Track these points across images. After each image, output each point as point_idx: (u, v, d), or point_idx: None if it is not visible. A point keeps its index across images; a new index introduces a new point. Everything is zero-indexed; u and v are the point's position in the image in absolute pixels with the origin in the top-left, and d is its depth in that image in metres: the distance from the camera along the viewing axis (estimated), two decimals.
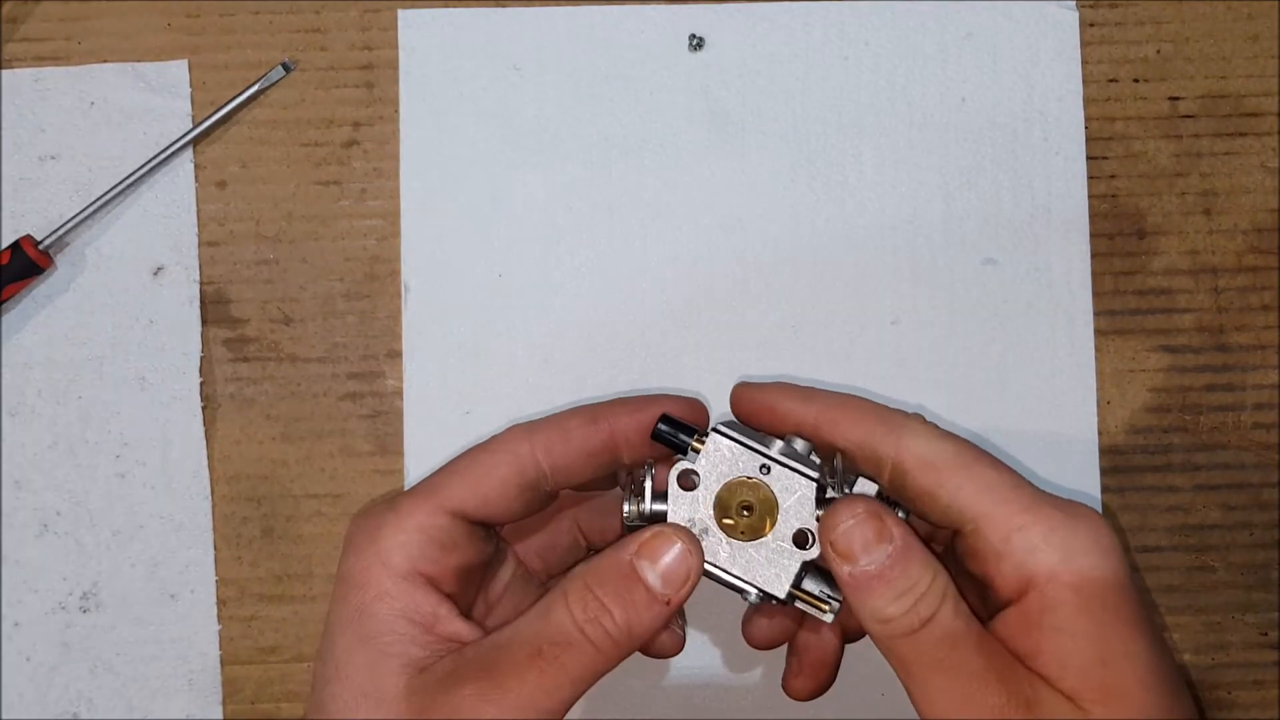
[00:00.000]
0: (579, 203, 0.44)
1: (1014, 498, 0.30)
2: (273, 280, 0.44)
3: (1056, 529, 0.29)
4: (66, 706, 0.43)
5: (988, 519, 0.30)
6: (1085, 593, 0.29)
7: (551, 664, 0.30)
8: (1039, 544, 0.29)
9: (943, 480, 0.31)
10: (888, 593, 0.30)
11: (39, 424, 0.44)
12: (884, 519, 0.30)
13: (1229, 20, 0.44)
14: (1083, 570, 0.29)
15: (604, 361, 0.44)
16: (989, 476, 0.31)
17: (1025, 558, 0.29)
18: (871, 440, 0.32)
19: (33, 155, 0.44)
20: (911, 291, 0.44)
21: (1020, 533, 0.29)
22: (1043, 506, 0.30)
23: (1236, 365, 0.44)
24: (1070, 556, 0.29)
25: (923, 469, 0.31)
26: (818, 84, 0.44)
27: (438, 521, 0.33)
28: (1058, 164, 0.44)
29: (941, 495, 0.31)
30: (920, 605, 0.30)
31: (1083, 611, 0.29)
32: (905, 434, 0.32)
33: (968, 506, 0.30)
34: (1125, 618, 0.29)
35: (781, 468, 0.33)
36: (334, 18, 0.44)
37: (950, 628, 0.29)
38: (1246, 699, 0.43)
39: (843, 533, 0.30)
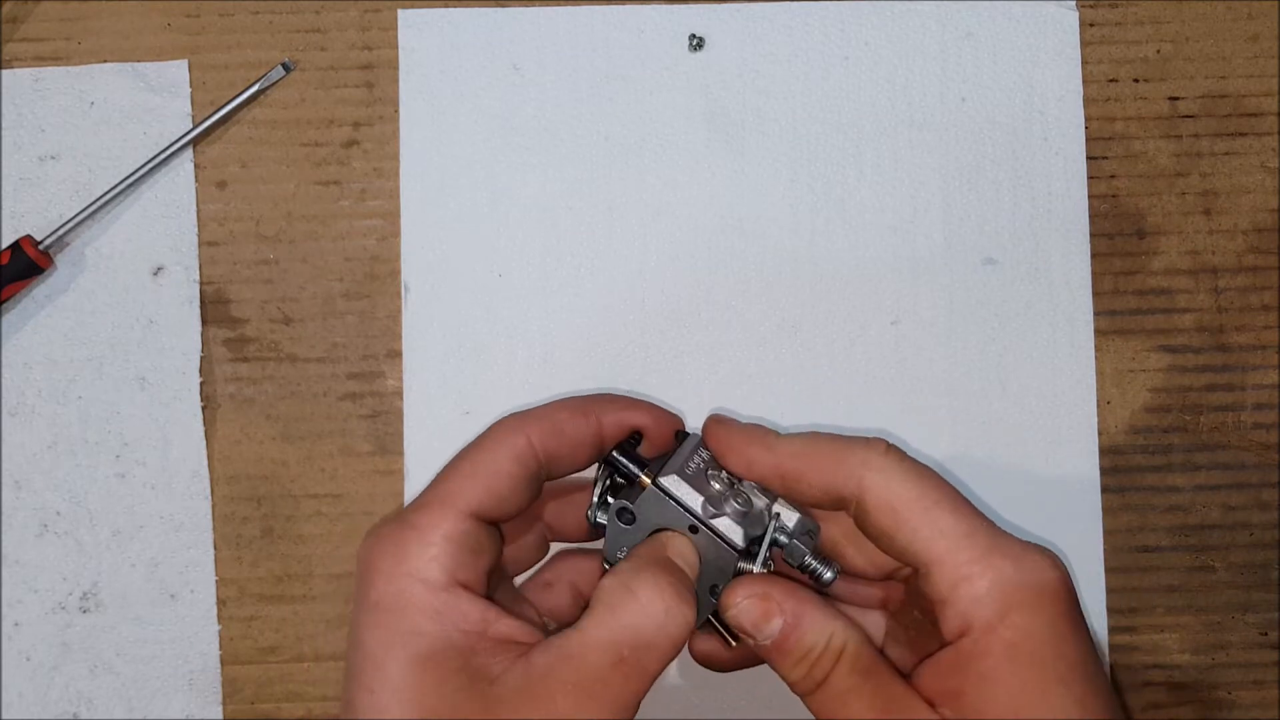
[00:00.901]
0: (579, 203, 0.44)
1: (966, 546, 0.31)
2: (273, 280, 0.44)
3: (1001, 581, 0.31)
4: (66, 706, 0.43)
5: (938, 565, 0.31)
6: (1016, 647, 0.30)
7: (635, 667, 0.31)
8: (982, 595, 0.31)
9: (899, 524, 0.32)
10: (785, 661, 0.32)
11: (39, 424, 0.44)
12: (771, 599, 0.33)
13: (1229, 20, 0.44)
14: (1018, 624, 0.30)
15: (604, 361, 0.44)
16: (945, 522, 0.32)
17: (967, 606, 0.31)
18: (834, 485, 0.33)
19: (33, 155, 0.44)
20: (911, 291, 0.44)
21: (966, 582, 0.31)
22: (993, 556, 0.31)
23: (1236, 365, 0.44)
24: (1008, 610, 0.31)
25: (882, 511, 0.32)
26: (818, 84, 0.44)
27: (462, 527, 0.33)
28: (1058, 164, 0.44)
29: (898, 538, 0.32)
30: (814, 670, 0.32)
31: (1009, 663, 0.30)
32: (867, 474, 0.33)
33: (921, 551, 0.32)
34: (1051, 675, 0.30)
35: (709, 536, 0.34)
36: (334, 18, 0.44)
37: (842, 686, 0.32)
38: (1246, 699, 0.43)
39: (733, 615, 0.33)
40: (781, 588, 0.33)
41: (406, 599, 0.32)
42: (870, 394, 0.44)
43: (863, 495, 0.33)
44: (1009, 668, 0.30)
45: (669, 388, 0.44)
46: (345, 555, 0.44)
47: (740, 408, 0.43)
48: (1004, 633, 0.30)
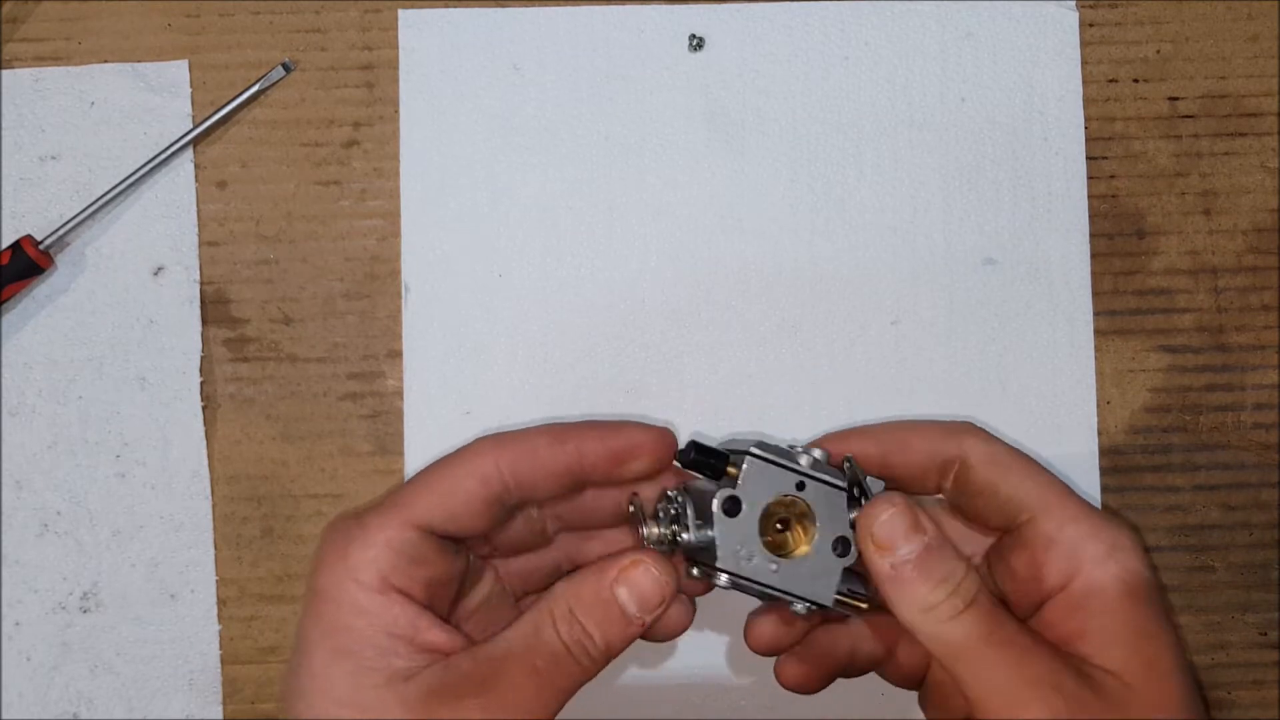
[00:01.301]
0: (579, 203, 0.44)
1: (1068, 494, 0.34)
2: (273, 280, 0.44)
3: (1103, 528, 0.33)
4: (66, 706, 0.43)
5: (1046, 510, 0.33)
6: (1128, 583, 0.32)
7: (546, 680, 0.32)
8: (1089, 536, 0.32)
9: (1006, 475, 0.34)
10: (929, 580, 0.31)
11: (39, 424, 0.44)
12: (918, 513, 0.32)
13: (1229, 20, 0.44)
14: (1125, 563, 0.32)
15: (604, 361, 0.44)
16: (1046, 476, 0.34)
17: (1077, 546, 0.32)
18: (938, 446, 0.35)
19: (33, 155, 0.44)
20: (911, 291, 0.44)
21: (1074, 524, 0.33)
22: (1090, 509, 0.34)
23: (1236, 365, 0.44)
24: (1115, 551, 0.32)
25: (987, 465, 0.34)
26: (818, 84, 0.44)
27: (405, 535, 0.33)
28: (1057, 164, 0.44)
29: (1004, 487, 0.34)
30: (962, 589, 0.31)
31: (1126, 597, 0.32)
32: (966, 439, 0.35)
33: (1028, 497, 0.34)
34: (1160, 610, 0.32)
35: (815, 482, 0.34)
36: (334, 18, 0.44)
37: (993, 609, 0.31)
38: (1246, 698, 0.43)
39: (881, 524, 0.32)
40: (924, 510, 0.33)
41: (339, 593, 0.32)
42: (870, 394, 0.44)
43: (966, 455, 0.35)
44: (1129, 602, 0.32)
45: (669, 388, 0.44)
46: None
47: (740, 408, 0.44)
48: (1115, 569, 0.32)
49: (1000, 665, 0.31)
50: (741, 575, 0.33)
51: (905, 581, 0.32)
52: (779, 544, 0.34)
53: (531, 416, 0.44)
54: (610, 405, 0.43)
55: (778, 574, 0.34)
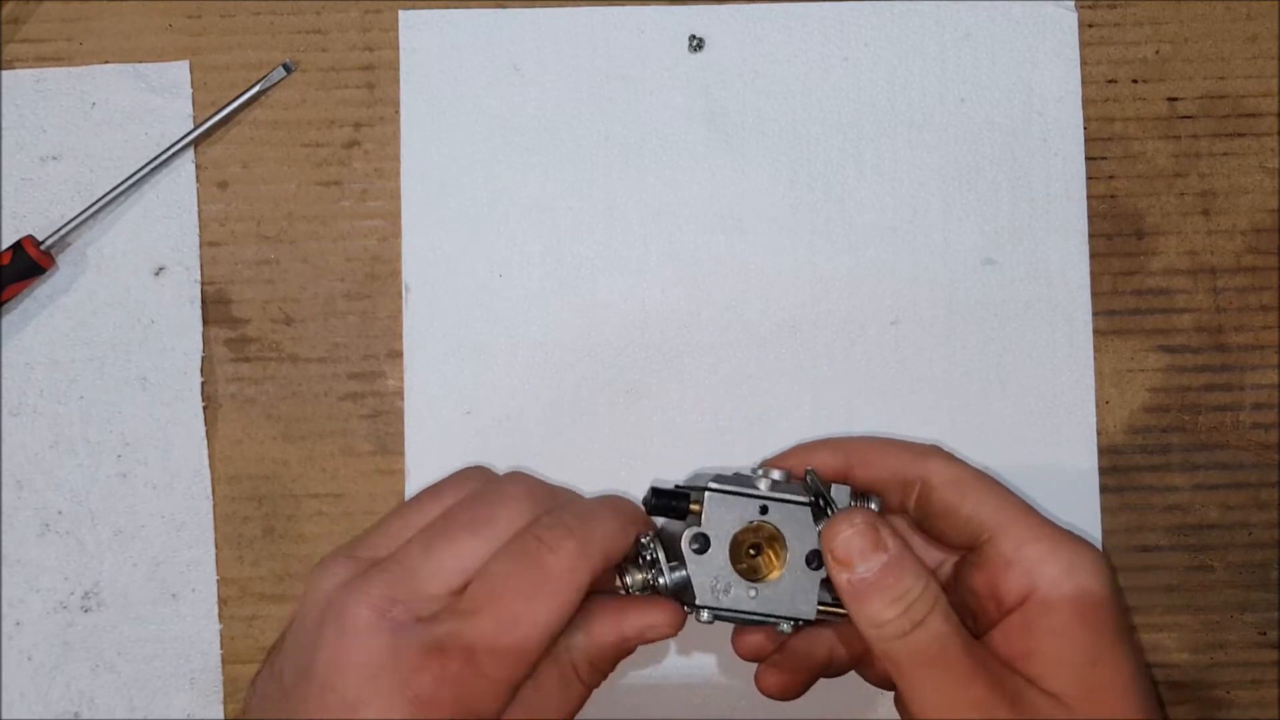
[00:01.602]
0: (579, 203, 0.44)
1: (1027, 515, 0.34)
2: (274, 280, 0.44)
3: (1061, 548, 0.33)
4: (68, 706, 0.43)
5: (1004, 530, 0.33)
6: (1082, 603, 0.32)
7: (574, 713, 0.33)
8: (1047, 556, 0.32)
9: (965, 495, 0.34)
10: (883, 598, 0.32)
11: (40, 424, 0.44)
12: (879, 530, 0.33)
13: (1228, 21, 0.44)
14: (1081, 584, 0.32)
15: (604, 361, 0.44)
16: (1007, 497, 0.34)
17: (1033, 566, 0.32)
18: (900, 467, 0.36)
19: (34, 156, 0.44)
20: (911, 291, 0.44)
21: (1032, 544, 0.33)
22: (1049, 528, 0.33)
23: (1235, 365, 0.44)
24: (1072, 571, 0.32)
25: (948, 486, 0.35)
26: (818, 84, 0.44)
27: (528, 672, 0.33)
28: (1057, 164, 0.44)
29: (964, 508, 0.34)
30: (913, 610, 0.32)
31: (1077, 618, 0.32)
32: (930, 460, 0.35)
33: (988, 518, 0.34)
34: (1114, 631, 0.32)
35: (777, 503, 0.35)
36: (335, 18, 0.45)
37: (939, 631, 0.32)
38: (1245, 698, 0.43)
39: (842, 541, 0.33)
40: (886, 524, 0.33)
41: None
42: (870, 394, 0.44)
43: (929, 475, 0.35)
44: (1080, 624, 0.32)
45: (669, 388, 0.44)
46: None
47: (740, 408, 0.44)
48: (1069, 589, 0.32)
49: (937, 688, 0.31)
50: (721, 608, 0.34)
51: (860, 597, 0.32)
52: (753, 570, 0.35)
53: (531, 416, 0.44)
54: (610, 405, 0.44)
55: (756, 600, 0.34)
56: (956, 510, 0.34)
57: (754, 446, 0.43)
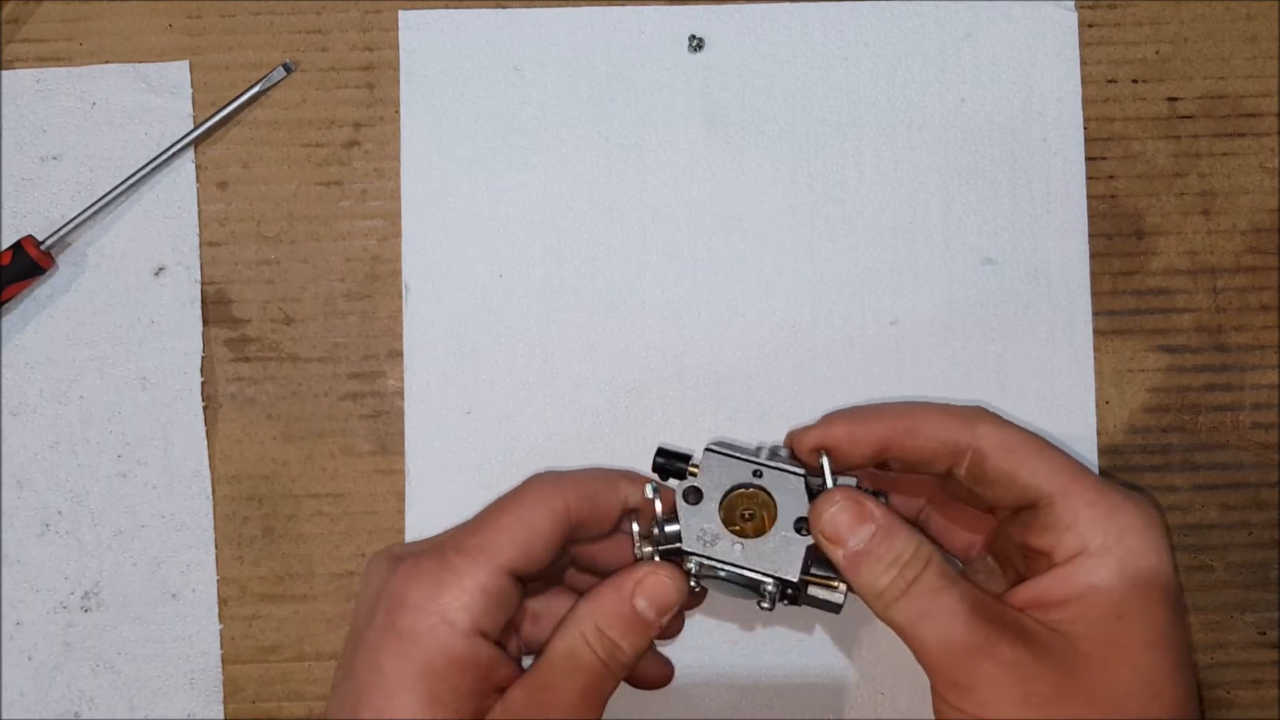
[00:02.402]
0: (579, 203, 0.44)
1: (1085, 480, 0.34)
2: (274, 280, 0.44)
3: (1119, 512, 0.33)
4: (68, 706, 0.43)
5: (1063, 496, 0.34)
6: (1125, 563, 0.33)
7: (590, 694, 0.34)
8: (1102, 519, 0.33)
9: (1021, 461, 0.34)
10: (878, 565, 0.34)
11: (40, 423, 0.44)
12: (863, 503, 0.34)
13: (1227, 21, 0.44)
14: (1130, 546, 0.33)
15: (604, 362, 0.44)
16: (1061, 459, 0.35)
17: (1087, 529, 0.33)
18: (950, 434, 0.35)
19: (34, 156, 0.44)
20: (911, 291, 0.44)
21: (1088, 508, 0.33)
22: (1109, 491, 0.34)
23: (1235, 365, 0.44)
24: (1124, 534, 0.33)
25: (1002, 453, 0.35)
26: (818, 84, 0.44)
27: (499, 582, 0.35)
28: (1056, 164, 0.44)
29: (1021, 474, 0.34)
30: (906, 570, 0.33)
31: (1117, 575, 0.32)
32: (979, 425, 0.35)
33: (1046, 483, 0.34)
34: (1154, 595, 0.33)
35: (771, 470, 0.36)
36: (335, 18, 0.45)
37: (935, 584, 0.33)
38: (1245, 698, 0.43)
39: (828, 520, 0.34)
40: (870, 498, 0.35)
41: (432, 637, 0.34)
42: (870, 394, 0.44)
43: (979, 442, 0.35)
44: (1118, 577, 0.32)
45: (669, 388, 0.44)
46: (346, 554, 0.44)
47: (740, 408, 0.44)
48: (1119, 550, 0.33)
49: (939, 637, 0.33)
50: (707, 556, 0.35)
51: (857, 569, 0.34)
52: (744, 528, 0.36)
53: (531, 416, 0.44)
54: (610, 405, 0.44)
55: (742, 554, 0.36)
56: (1014, 477, 0.34)
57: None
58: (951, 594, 0.33)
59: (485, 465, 0.43)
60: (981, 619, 0.32)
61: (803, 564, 0.35)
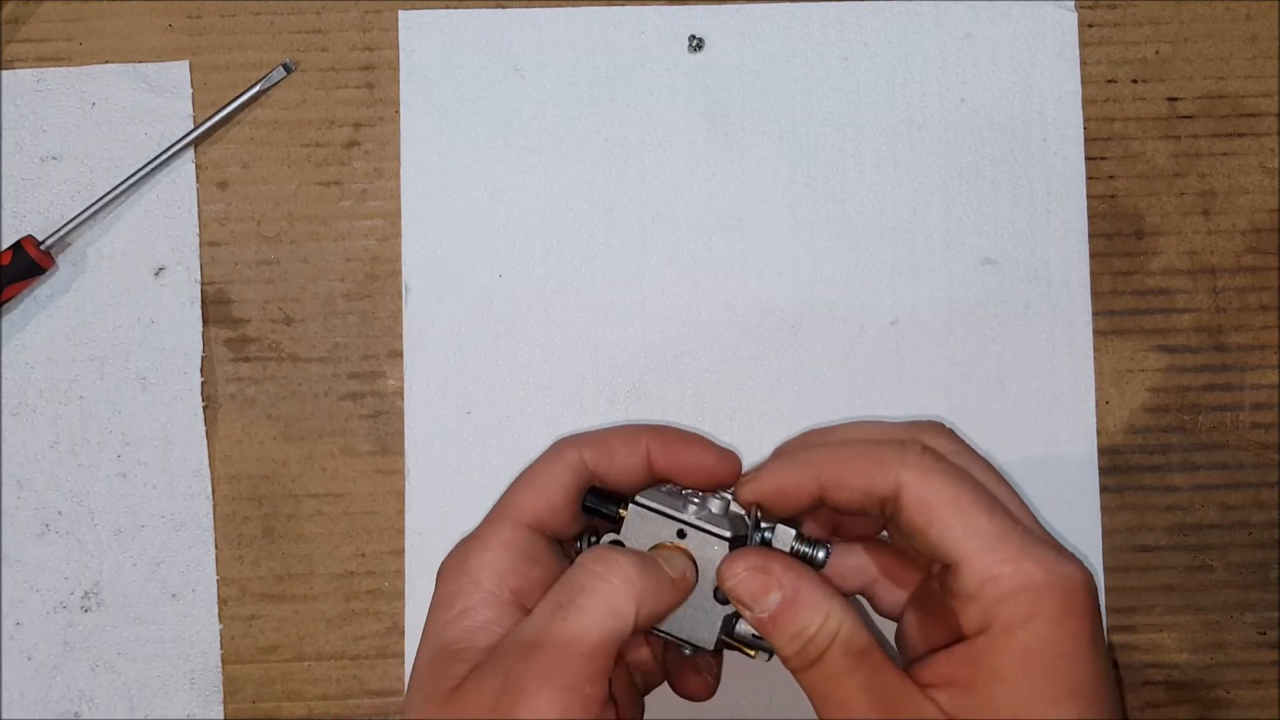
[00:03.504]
0: (579, 203, 0.44)
1: (997, 547, 0.32)
2: (274, 280, 0.44)
3: (1027, 586, 0.31)
4: (68, 705, 0.43)
5: (968, 563, 0.32)
6: (1032, 651, 0.31)
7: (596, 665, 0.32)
8: (1006, 596, 0.31)
9: (932, 521, 0.32)
10: (781, 635, 0.33)
11: (40, 424, 0.44)
12: (770, 571, 0.33)
13: (1227, 21, 0.44)
14: (1038, 631, 0.31)
15: (604, 362, 0.44)
16: (979, 523, 0.32)
17: (990, 605, 0.31)
18: (872, 487, 0.33)
19: (34, 156, 0.44)
20: (911, 292, 0.44)
21: (993, 582, 0.31)
22: (1023, 560, 0.31)
23: (1235, 365, 0.44)
24: (1031, 616, 0.31)
25: (915, 508, 0.33)
26: (817, 84, 0.44)
27: (519, 535, 0.35)
28: (1056, 164, 0.44)
29: (930, 534, 0.32)
30: (809, 647, 0.32)
31: (1022, 666, 0.31)
32: (903, 473, 0.33)
33: (952, 548, 0.32)
34: (1062, 686, 0.31)
35: (696, 530, 0.35)
36: (335, 18, 0.45)
37: (835, 667, 0.32)
38: (1245, 698, 0.43)
39: (732, 586, 0.33)
40: (781, 562, 0.33)
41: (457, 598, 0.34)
42: (869, 394, 0.44)
43: (899, 493, 0.33)
44: (1021, 670, 0.31)
45: (669, 388, 0.44)
46: (346, 554, 0.44)
47: (740, 408, 0.44)
48: (1022, 636, 0.31)
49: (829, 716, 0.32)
50: None
51: (767, 634, 0.33)
52: None
53: (531, 416, 0.44)
54: (610, 405, 0.44)
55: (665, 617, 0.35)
56: (924, 535, 0.32)
57: (754, 447, 0.43)
58: (853, 680, 0.32)
59: (485, 465, 0.43)
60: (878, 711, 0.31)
61: (721, 629, 0.35)
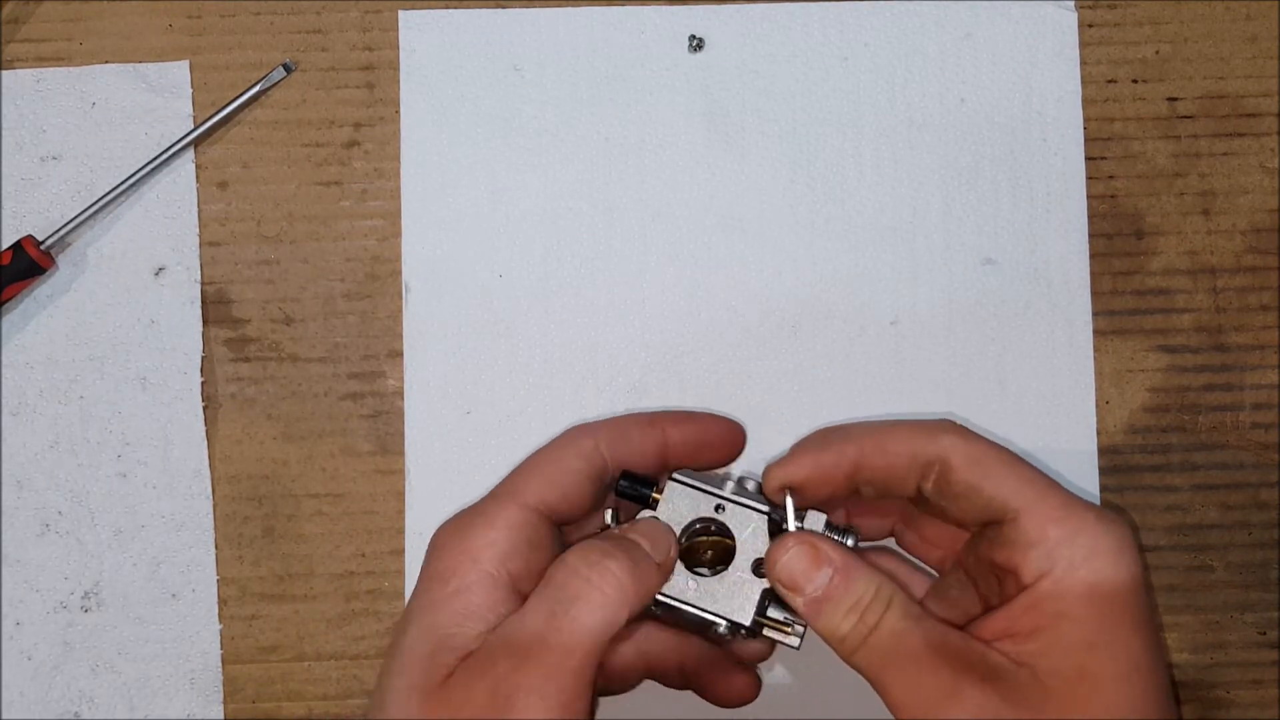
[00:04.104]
0: (579, 203, 0.44)
1: (1051, 495, 0.33)
2: (274, 280, 0.44)
3: (1086, 529, 0.32)
4: (68, 706, 0.43)
5: (1028, 511, 0.32)
6: (1095, 589, 0.31)
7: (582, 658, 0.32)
8: (1068, 538, 0.32)
9: (987, 474, 0.33)
10: (838, 610, 0.33)
11: (40, 424, 0.44)
12: (818, 547, 0.34)
13: (1227, 21, 0.44)
14: (1099, 569, 0.31)
15: (604, 362, 0.44)
16: (1029, 474, 0.33)
17: (1054, 548, 0.32)
18: (917, 447, 0.34)
19: (34, 156, 0.44)
20: (911, 292, 0.44)
21: (1055, 525, 0.32)
22: (1076, 507, 0.32)
23: (1235, 365, 0.44)
24: (1092, 555, 0.31)
25: (968, 465, 0.33)
26: (817, 84, 0.44)
27: (526, 518, 0.34)
28: (1056, 164, 0.44)
29: (986, 487, 0.33)
30: (867, 615, 0.32)
31: (1086, 603, 0.31)
32: (946, 438, 0.34)
33: (1011, 498, 0.33)
34: (1125, 621, 0.31)
35: (734, 505, 0.36)
36: (335, 18, 0.45)
37: (897, 628, 0.32)
38: (1245, 698, 0.43)
39: (783, 566, 0.34)
40: (827, 541, 0.34)
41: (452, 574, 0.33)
42: (869, 394, 0.44)
43: (947, 455, 0.34)
44: (1088, 606, 0.31)
45: (669, 388, 0.44)
46: (346, 554, 0.44)
47: (740, 408, 0.44)
48: (1085, 574, 0.31)
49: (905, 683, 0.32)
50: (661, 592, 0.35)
51: (817, 615, 0.33)
52: (702, 566, 0.36)
53: (531, 416, 0.44)
54: (610, 405, 0.44)
55: (696, 591, 0.35)
56: (979, 490, 0.33)
57: (753, 447, 0.43)
58: (915, 637, 0.32)
59: (485, 465, 0.43)
60: (946, 662, 0.31)
61: (758, 606, 0.35)
